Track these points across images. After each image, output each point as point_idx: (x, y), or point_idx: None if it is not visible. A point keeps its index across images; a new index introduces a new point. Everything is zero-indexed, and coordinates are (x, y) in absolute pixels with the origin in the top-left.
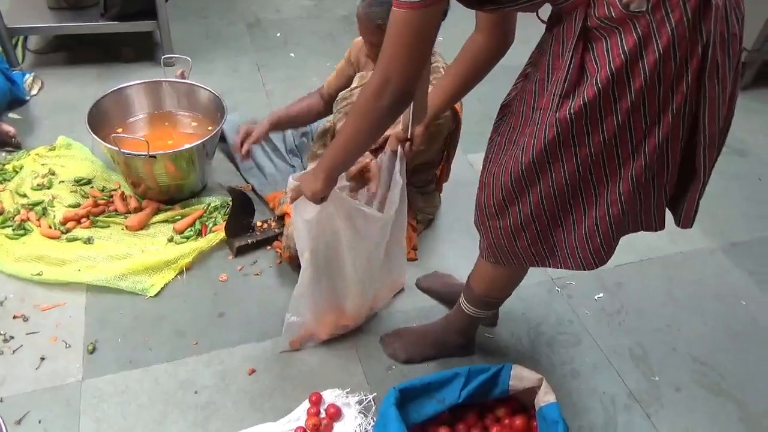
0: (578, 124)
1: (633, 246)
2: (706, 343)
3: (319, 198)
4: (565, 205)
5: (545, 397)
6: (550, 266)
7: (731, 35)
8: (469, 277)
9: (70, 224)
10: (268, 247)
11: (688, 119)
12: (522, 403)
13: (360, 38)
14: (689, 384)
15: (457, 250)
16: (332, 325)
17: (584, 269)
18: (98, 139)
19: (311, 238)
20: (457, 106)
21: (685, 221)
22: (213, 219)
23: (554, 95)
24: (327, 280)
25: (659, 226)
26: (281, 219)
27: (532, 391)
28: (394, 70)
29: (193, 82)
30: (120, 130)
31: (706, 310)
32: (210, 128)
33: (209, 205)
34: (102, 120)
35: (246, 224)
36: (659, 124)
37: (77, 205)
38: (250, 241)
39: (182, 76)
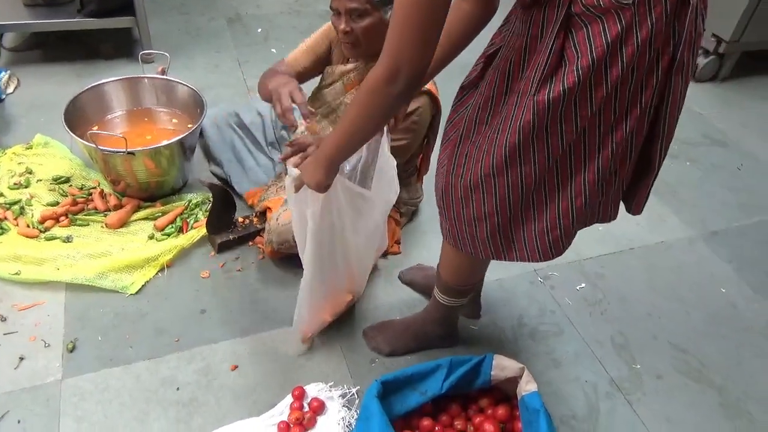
0: (554, 110)
1: (614, 236)
2: (686, 330)
3: (324, 187)
4: (528, 198)
5: (527, 386)
6: (505, 260)
7: (697, 34)
8: (437, 266)
9: (48, 223)
10: (250, 243)
11: (651, 113)
12: (504, 392)
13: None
14: (670, 371)
15: (440, 242)
16: (336, 305)
17: (540, 261)
18: (75, 136)
19: (316, 229)
20: (434, 90)
21: (636, 209)
22: (194, 216)
23: (533, 80)
24: (331, 267)
25: (613, 216)
26: (263, 215)
27: (514, 381)
28: (405, 56)
29: (172, 78)
30: (96, 127)
31: (687, 298)
32: (190, 125)
33: (190, 201)
34: (79, 117)
35: (227, 220)
36: (627, 117)
37: (56, 204)
38: (231, 237)
39: (162, 72)
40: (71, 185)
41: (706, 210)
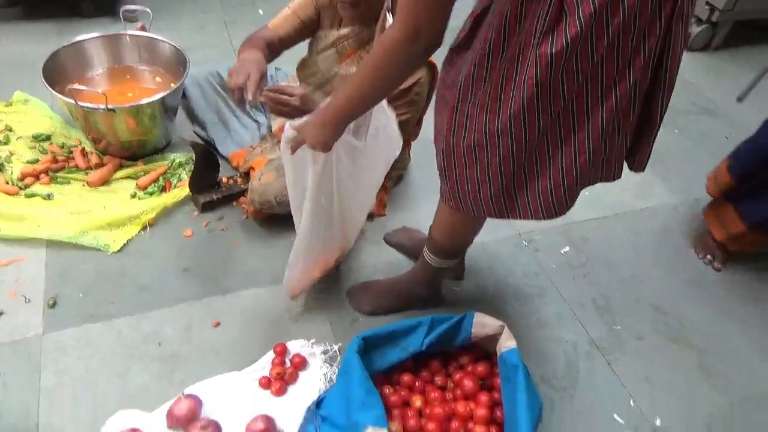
0: (558, 64)
1: (599, 202)
2: (668, 293)
3: (329, 147)
4: (532, 155)
5: (506, 343)
6: (508, 218)
7: None
8: (430, 227)
9: (28, 180)
10: (234, 203)
11: (654, 63)
12: (485, 350)
13: None
14: (650, 333)
15: (426, 206)
16: (327, 263)
17: (543, 219)
18: (54, 92)
19: (315, 189)
20: (432, 58)
21: (638, 166)
22: (177, 175)
23: (535, 32)
24: (327, 226)
25: (617, 175)
26: (247, 175)
27: (494, 338)
28: (424, 19)
29: (154, 35)
30: (77, 84)
31: (669, 262)
32: (173, 84)
33: (173, 161)
34: (59, 74)
35: (210, 180)
36: (631, 67)
37: (36, 161)
38: (215, 196)
39: (143, 29)
40: (52, 143)
41: (692, 178)
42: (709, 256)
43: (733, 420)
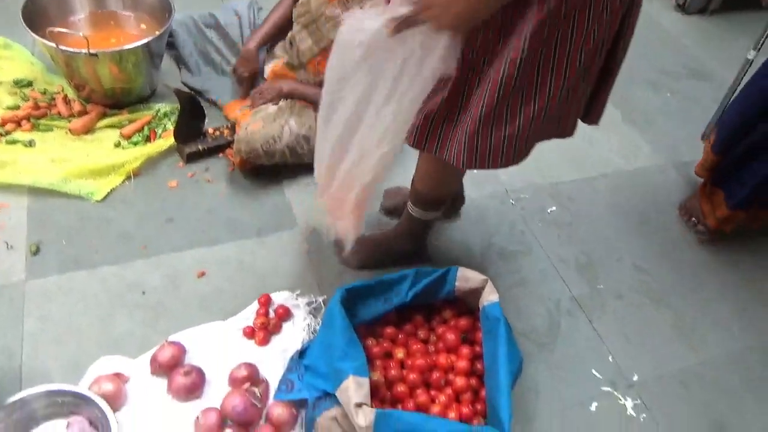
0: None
1: (587, 163)
2: (650, 254)
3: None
4: (504, 104)
5: (489, 297)
6: (471, 168)
7: None
8: (413, 179)
9: (9, 126)
10: (221, 154)
11: (624, 11)
12: (468, 306)
13: None
14: (631, 292)
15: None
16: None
17: (500, 167)
18: (35, 35)
19: (411, 83)
20: None
21: (594, 118)
22: (162, 125)
23: None
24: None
25: (570, 131)
26: (234, 127)
27: (478, 293)
28: None
29: None
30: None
31: (653, 223)
32: (158, 32)
33: (158, 111)
34: (39, 18)
35: (196, 129)
36: (607, 11)
37: (17, 107)
38: (201, 147)
39: None
40: (33, 89)
41: (681, 141)
42: (693, 219)
43: (707, 378)
